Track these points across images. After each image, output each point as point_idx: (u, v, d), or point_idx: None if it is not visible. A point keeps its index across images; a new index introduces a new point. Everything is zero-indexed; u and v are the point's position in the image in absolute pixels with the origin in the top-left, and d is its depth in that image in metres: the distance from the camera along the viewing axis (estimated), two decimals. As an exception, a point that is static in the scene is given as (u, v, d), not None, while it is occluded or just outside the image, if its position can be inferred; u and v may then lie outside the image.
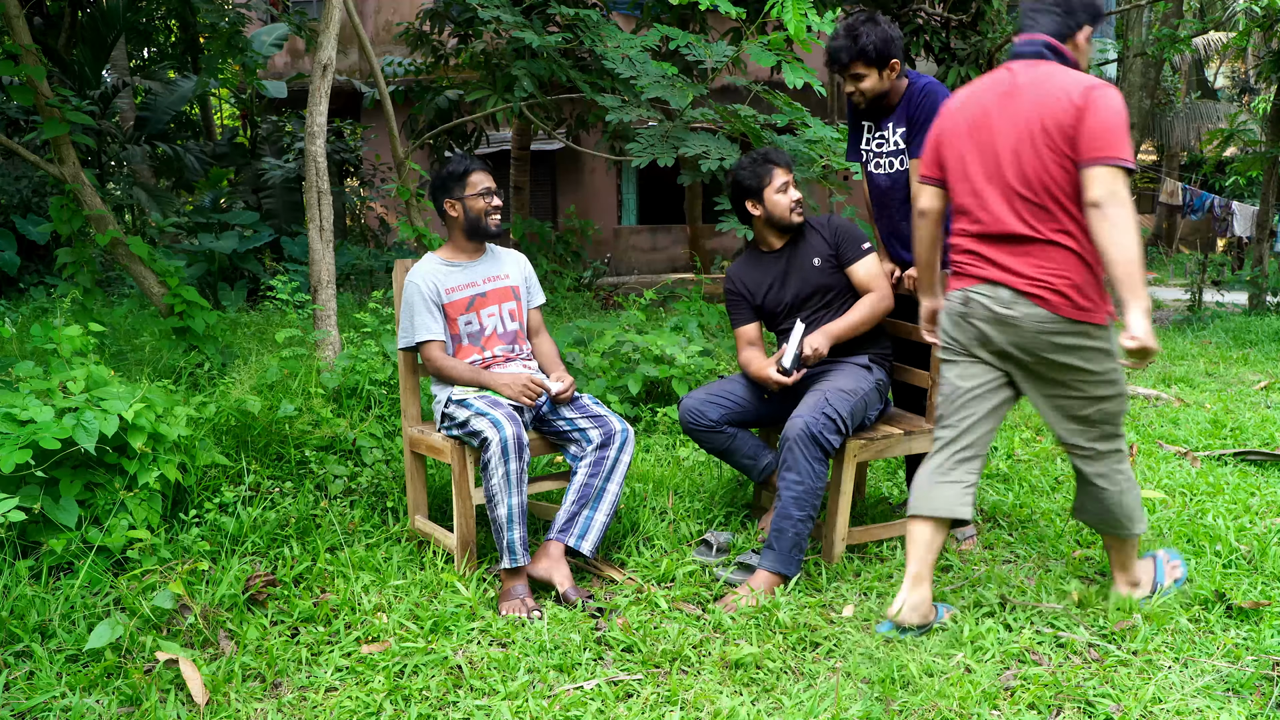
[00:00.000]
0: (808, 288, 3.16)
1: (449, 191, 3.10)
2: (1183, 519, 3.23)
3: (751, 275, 3.27)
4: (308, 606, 2.66)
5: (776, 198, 3.13)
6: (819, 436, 2.82)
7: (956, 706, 2.16)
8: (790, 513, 2.83)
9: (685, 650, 2.44)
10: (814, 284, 3.16)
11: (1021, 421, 4.72)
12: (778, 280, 3.21)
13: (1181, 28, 9.81)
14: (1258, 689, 2.24)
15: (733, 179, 3.20)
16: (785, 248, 3.22)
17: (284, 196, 11.42)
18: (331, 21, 4.48)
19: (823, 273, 3.15)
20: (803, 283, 3.16)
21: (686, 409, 3.14)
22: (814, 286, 3.16)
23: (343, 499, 3.46)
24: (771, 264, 3.24)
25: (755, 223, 3.23)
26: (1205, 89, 23.46)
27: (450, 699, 2.25)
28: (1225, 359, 6.75)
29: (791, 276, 3.18)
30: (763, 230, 3.23)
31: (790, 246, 3.22)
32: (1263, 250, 10.77)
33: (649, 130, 4.32)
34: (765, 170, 3.14)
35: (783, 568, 2.83)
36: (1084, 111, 2.28)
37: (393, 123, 5.66)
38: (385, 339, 4.42)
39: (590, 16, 5.02)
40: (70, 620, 2.53)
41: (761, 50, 4.13)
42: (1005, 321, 2.42)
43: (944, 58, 9.07)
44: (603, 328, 5.47)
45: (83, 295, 4.89)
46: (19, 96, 4.45)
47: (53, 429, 2.73)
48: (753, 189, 3.15)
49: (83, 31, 10.82)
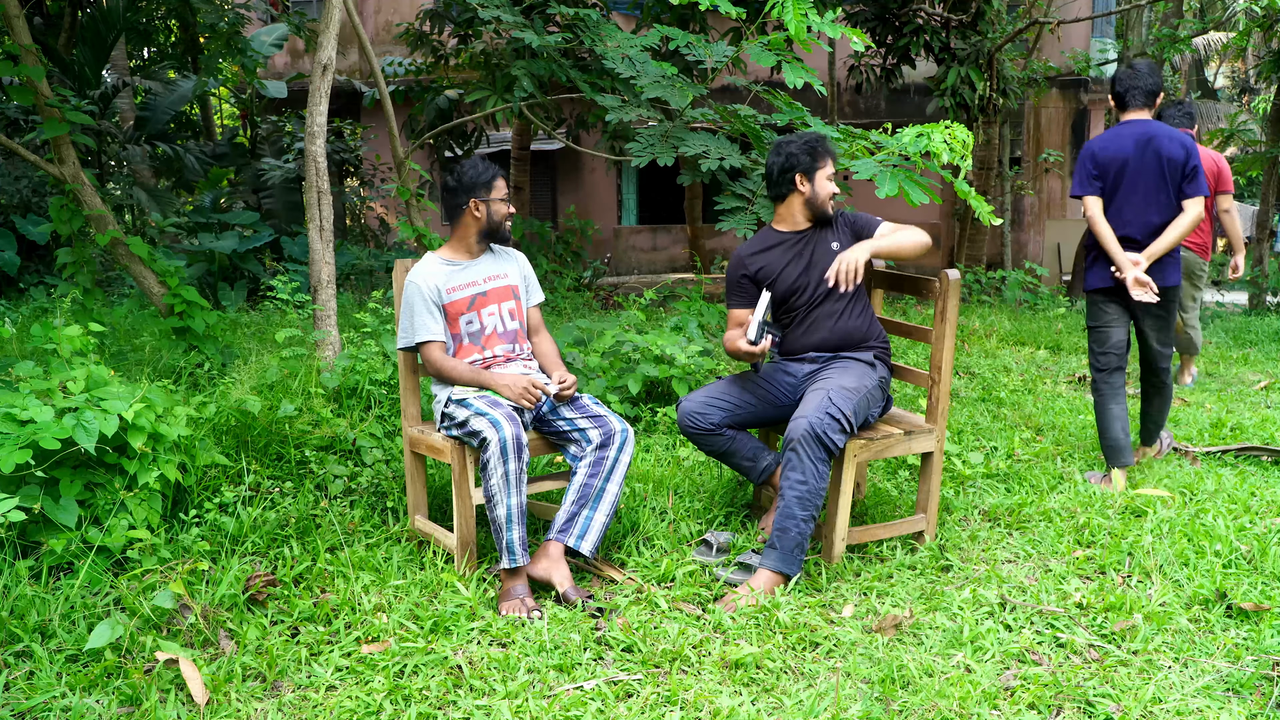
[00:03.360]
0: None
1: (476, 192, 3.09)
2: (1183, 519, 3.23)
3: (767, 255, 3.24)
4: (308, 606, 2.66)
5: (825, 183, 3.19)
6: (823, 436, 2.82)
7: (956, 706, 2.16)
8: (794, 513, 2.83)
9: (685, 650, 2.44)
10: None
11: (1021, 421, 4.72)
12: (796, 260, 3.20)
13: (1181, 28, 9.81)
14: (1258, 689, 2.24)
15: (787, 153, 3.17)
16: (808, 232, 3.23)
17: (284, 196, 11.43)
18: (331, 21, 4.48)
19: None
20: (826, 267, 3.16)
21: (685, 412, 3.13)
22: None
23: (343, 499, 3.46)
24: (791, 245, 3.23)
25: (793, 199, 3.21)
26: (1205, 89, 23.47)
27: (450, 699, 2.25)
28: (1225, 359, 6.75)
29: (816, 259, 3.18)
30: (797, 210, 3.22)
31: (813, 231, 3.23)
32: (1263, 250, 10.77)
33: (649, 130, 4.32)
34: (823, 153, 3.19)
35: (785, 567, 2.83)
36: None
37: (393, 123, 5.66)
38: (385, 339, 4.42)
39: (590, 16, 5.02)
40: (70, 620, 2.53)
41: (762, 50, 4.13)
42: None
43: (944, 58, 9.08)
44: (603, 328, 5.47)
45: (83, 295, 4.89)
46: (19, 96, 4.45)
47: (53, 429, 2.73)
48: (807, 166, 3.16)
49: (83, 31, 10.82)
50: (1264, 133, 13.03)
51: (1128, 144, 3.71)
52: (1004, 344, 7.22)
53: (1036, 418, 4.78)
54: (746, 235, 3.94)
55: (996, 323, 7.87)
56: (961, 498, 3.61)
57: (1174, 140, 3.68)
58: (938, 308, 3.13)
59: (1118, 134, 3.76)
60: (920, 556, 3.06)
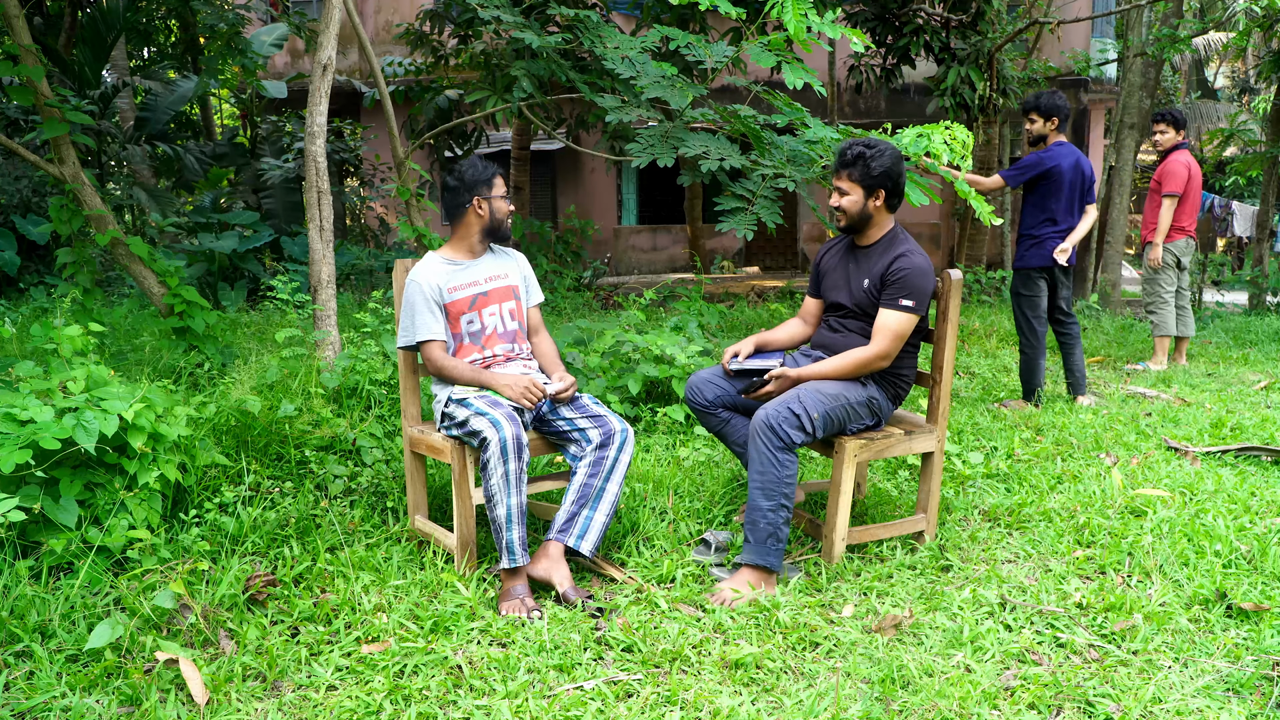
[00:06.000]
0: (858, 294, 3.14)
1: (477, 190, 3.10)
2: (1183, 519, 3.23)
3: (834, 257, 3.30)
4: (308, 606, 2.66)
5: (904, 194, 3.20)
6: (777, 428, 2.84)
7: (956, 706, 2.16)
8: (758, 503, 2.85)
9: (685, 650, 2.44)
10: (857, 296, 3.14)
11: (1022, 421, 4.72)
12: (846, 271, 3.21)
13: (1181, 28, 9.80)
14: (1258, 689, 2.24)
15: (891, 161, 3.08)
16: (869, 248, 3.17)
17: (284, 196, 11.43)
18: (331, 21, 4.48)
19: (869, 294, 3.11)
20: (857, 287, 3.14)
21: (690, 384, 3.26)
22: (855, 298, 3.15)
23: (343, 499, 3.46)
24: (855, 257, 3.20)
25: (872, 208, 3.11)
26: (1205, 89, 23.47)
27: (450, 699, 2.25)
28: (1225, 359, 6.76)
29: (857, 277, 3.16)
30: (874, 217, 3.13)
31: (872, 249, 3.16)
32: (1263, 250, 10.77)
33: (649, 130, 4.32)
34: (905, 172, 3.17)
35: (759, 559, 2.84)
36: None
37: (393, 123, 5.66)
38: (385, 339, 4.42)
39: (590, 18, 5.02)
40: (70, 620, 2.53)
41: (762, 51, 4.13)
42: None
43: (944, 58, 9.08)
44: (603, 328, 5.47)
45: (83, 295, 4.89)
46: (19, 96, 4.45)
47: (53, 429, 2.73)
48: (899, 181, 3.11)
49: (83, 31, 10.82)
50: (1264, 133, 13.03)
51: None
52: (1004, 344, 7.22)
53: (1036, 418, 4.78)
54: (747, 236, 3.95)
55: (996, 323, 7.88)
56: (961, 498, 3.61)
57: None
58: (939, 308, 3.14)
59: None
60: (920, 556, 3.06)
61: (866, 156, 3.06)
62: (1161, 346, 6.49)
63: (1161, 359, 6.47)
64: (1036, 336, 5.11)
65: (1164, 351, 6.49)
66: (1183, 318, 6.58)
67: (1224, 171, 19.20)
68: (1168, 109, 6.38)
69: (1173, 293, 6.47)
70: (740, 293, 11.19)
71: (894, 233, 3.14)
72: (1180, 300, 6.56)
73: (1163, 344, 6.50)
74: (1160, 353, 6.49)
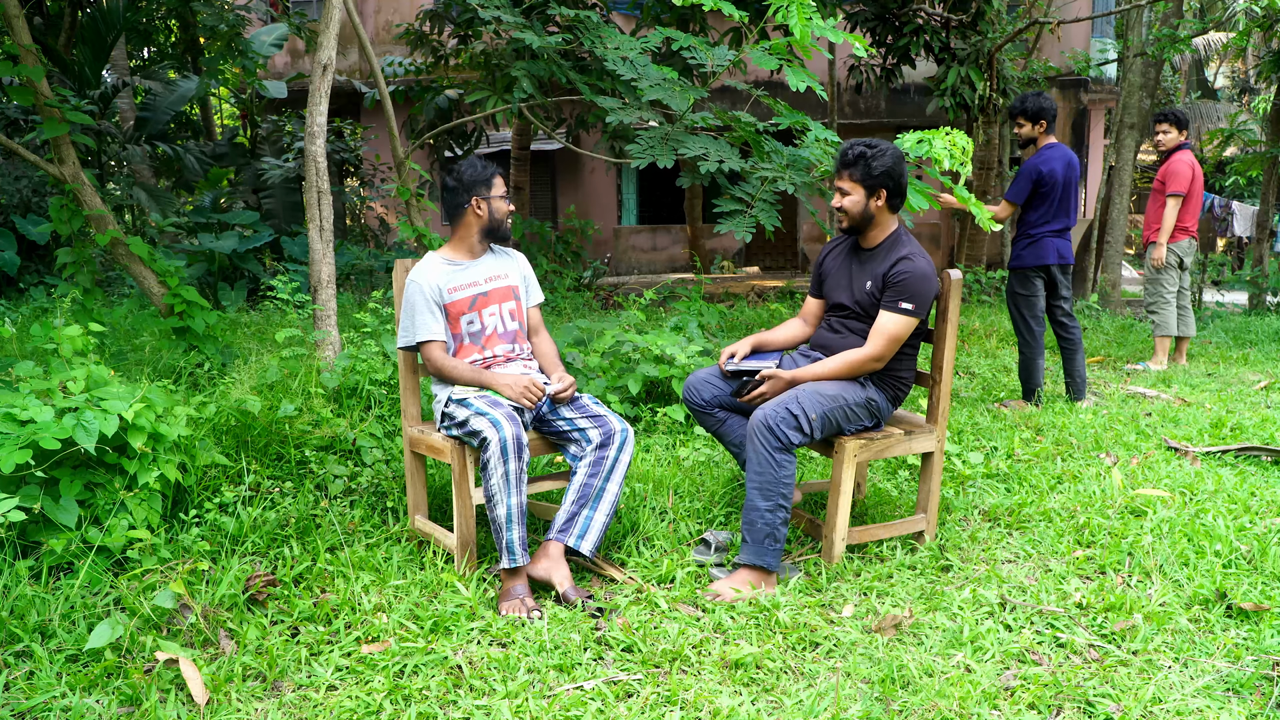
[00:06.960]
0: (860, 295, 3.14)
1: (477, 190, 3.10)
2: (1183, 519, 3.23)
3: (837, 257, 3.29)
4: (308, 606, 2.66)
5: (908, 200, 3.22)
6: (775, 428, 2.84)
7: (956, 706, 2.16)
8: (756, 503, 2.85)
9: (685, 650, 2.44)
10: (859, 296, 3.14)
11: (1022, 421, 4.72)
12: (849, 272, 3.20)
13: (1181, 28, 9.81)
14: (1258, 689, 2.24)
15: (892, 160, 3.07)
16: (873, 250, 3.17)
17: (284, 196, 11.43)
18: (331, 21, 4.48)
19: (871, 295, 3.12)
20: (859, 288, 3.14)
21: (687, 384, 3.26)
22: (857, 298, 3.15)
23: (343, 499, 3.46)
24: (858, 259, 3.20)
25: (874, 208, 3.11)
26: (1205, 89, 23.47)
27: (450, 699, 2.25)
28: (1225, 359, 6.76)
29: (859, 278, 3.15)
30: (876, 217, 3.12)
31: (876, 251, 3.16)
32: (1263, 250, 10.78)
33: (649, 131, 4.32)
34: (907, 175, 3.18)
35: (757, 559, 2.84)
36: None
37: (393, 123, 5.66)
38: (385, 339, 4.42)
39: (590, 18, 5.02)
40: (70, 620, 2.53)
41: (763, 54, 4.13)
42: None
43: (944, 58, 9.08)
44: (603, 328, 5.47)
45: (83, 295, 4.89)
46: (19, 96, 4.45)
47: (53, 429, 2.73)
48: (901, 181, 3.11)
49: (83, 31, 10.82)
50: (1264, 133, 13.03)
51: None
52: (1004, 344, 7.22)
53: (1036, 418, 4.78)
54: (745, 238, 3.95)
55: (996, 323, 7.88)
56: (961, 498, 3.61)
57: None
58: (939, 307, 3.14)
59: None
60: (920, 556, 3.06)
61: (868, 156, 3.06)
62: (1162, 346, 6.51)
63: (1162, 359, 6.48)
64: (1034, 336, 5.13)
65: (1164, 351, 6.51)
66: (1184, 318, 6.61)
67: (1224, 171, 19.20)
68: (1170, 109, 6.41)
69: (1175, 293, 6.51)
70: (740, 293, 11.20)
71: (897, 235, 3.14)
72: (1181, 300, 6.61)
73: (1163, 344, 6.52)
74: (1161, 353, 6.50)
